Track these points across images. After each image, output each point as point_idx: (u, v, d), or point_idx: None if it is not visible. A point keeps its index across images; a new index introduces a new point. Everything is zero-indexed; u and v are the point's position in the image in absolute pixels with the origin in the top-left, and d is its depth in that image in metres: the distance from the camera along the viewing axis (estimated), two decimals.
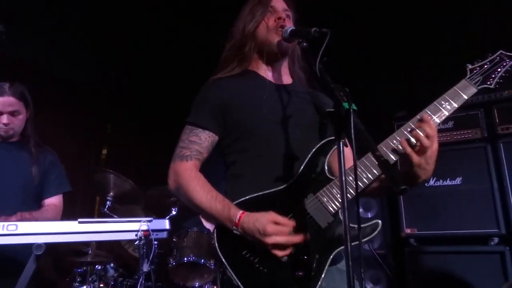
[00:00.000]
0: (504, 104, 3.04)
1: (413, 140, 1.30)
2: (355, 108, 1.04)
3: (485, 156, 3.00)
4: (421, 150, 1.30)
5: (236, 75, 1.61)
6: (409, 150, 1.29)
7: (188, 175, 1.45)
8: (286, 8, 1.65)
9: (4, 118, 2.37)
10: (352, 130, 1.01)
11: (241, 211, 1.33)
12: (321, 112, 1.56)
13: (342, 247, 1.30)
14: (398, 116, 3.47)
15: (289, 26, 1.51)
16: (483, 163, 3.00)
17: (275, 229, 1.26)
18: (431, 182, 3.13)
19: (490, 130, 3.07)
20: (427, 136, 1.29)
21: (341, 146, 1.04)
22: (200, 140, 1.50)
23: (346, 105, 1.04)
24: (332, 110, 1.08)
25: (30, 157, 2.45)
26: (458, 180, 3.06)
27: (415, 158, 1.29)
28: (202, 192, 1.41)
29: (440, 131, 3.19)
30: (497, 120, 3.03)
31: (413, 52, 3.96)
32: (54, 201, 2.55)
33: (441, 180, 3.11)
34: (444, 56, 3.81)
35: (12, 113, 2.39)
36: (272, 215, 1.29)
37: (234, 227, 1.32)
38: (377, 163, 1.00)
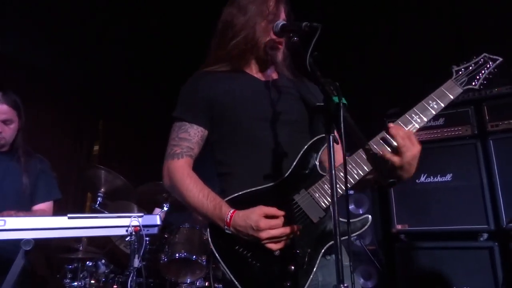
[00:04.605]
0: (493, 102, 3.06)
1: (394, 143, 1.25)
2: (345, 102, 1.04)
3: (475, 153, 3.02)
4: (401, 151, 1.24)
5: (225, 71, 1.57)
6: (389, 155, 1.24)
7: (181, 173, 1.44)
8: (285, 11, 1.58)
9: None
10: (342, 124, 1.01)
11: (231, 210, 1.32)
12: (311, 106, 1.56)
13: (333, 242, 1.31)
14: (390, 113, 3.48)
15: (280, 20, 1.49)
16: (473, 159, 3.02)
17: (268, 223, 1.27)
18: (422, 179, 3.15)
19: (480, 127, 3.08)
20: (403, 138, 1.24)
21: (330, 140, 1.04)
22: (189, 136, 1.49)
23: (336, 99, 1.04)
24: (322, 104, 1.08)
25: (20, 166, 2.38)
26: (448, 177, 3.08)
27: (397, 160, 1.23)
28: (195, 191, 1.41)
29: (430, 128, 3.21)
30: (487, 117, 3.05)
31: (407, 50, 3.98)
32: (43, 207, 2.50)
33: (431, 177, 3.13)
34: (437, 55, 3.84)
35: (5, 122, 2.32)
36: (261, 209, 1.30)
37: (226, 227, 1.32)
38: (366, 157, 1.00)
